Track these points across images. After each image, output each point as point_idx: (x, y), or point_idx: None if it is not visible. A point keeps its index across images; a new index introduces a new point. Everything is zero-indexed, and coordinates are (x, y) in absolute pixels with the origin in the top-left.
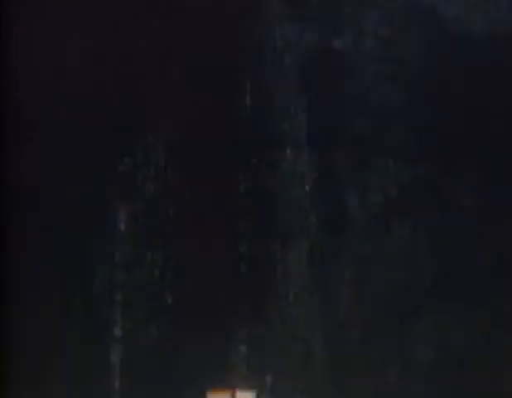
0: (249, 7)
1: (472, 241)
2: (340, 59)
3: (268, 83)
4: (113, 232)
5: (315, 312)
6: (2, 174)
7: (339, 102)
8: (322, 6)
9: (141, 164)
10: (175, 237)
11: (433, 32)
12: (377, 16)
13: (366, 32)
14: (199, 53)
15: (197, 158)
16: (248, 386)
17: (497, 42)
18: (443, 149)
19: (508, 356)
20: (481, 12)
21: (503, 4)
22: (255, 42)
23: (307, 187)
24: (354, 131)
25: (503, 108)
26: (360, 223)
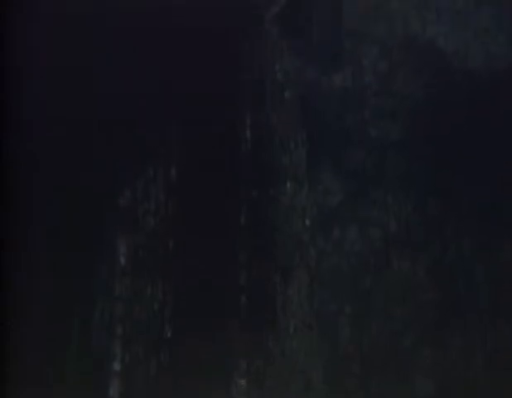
0: (249, 42)
1: (472, 275)
2: (340, 93)
3: (267, 117)
4: (114, 265)
5: (315, 345)
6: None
7: (338, 136)
8: (322, 40)
9: (141, 198)
10: (175, 270)
11: (432, 67)
12: (376, 51)
13: (366, 67)
14: (199, 87)
15: (198, 191)
16: None
17: (496, 76)
18: (443, 182)
19: (508, 390)
20: (480, 46)
21: (502, 38)
22: (255, 76)
23: (307, 221)
24: (353, 165)
25: (503, 141)
26: (360, 256)
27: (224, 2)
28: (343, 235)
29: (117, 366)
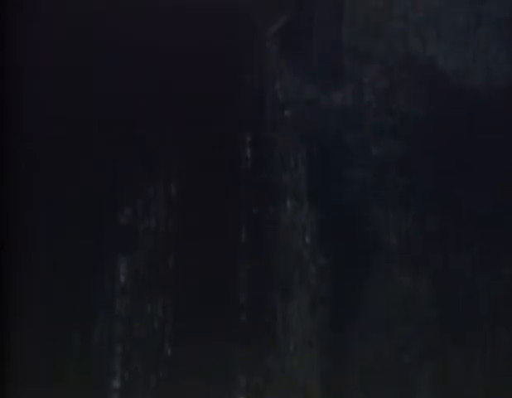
0: (249, 60)
1: (473, 288)
2: (340, 110)
3: (268, 135)
4: (113, 284)
5: (315, 362)
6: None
7: (339, 153)
8: (322, 58)
9: (141, 216)
10: (175, 289)
11: (432, 86)
12: (376, 69)
13: (366, 85)
14: (198, 105)
15: (197, 209)
16: None
17: (496, 95)
18: (443, 201)
19: None
20: (480, 65)
21: (502, 58)
22: (255, 94)
23: (307, 238)
24: (354, 183)
25: (504, 160)
26: (360, 273)
27: (224, 19)
28: (343, 252)
29: (116, 384)
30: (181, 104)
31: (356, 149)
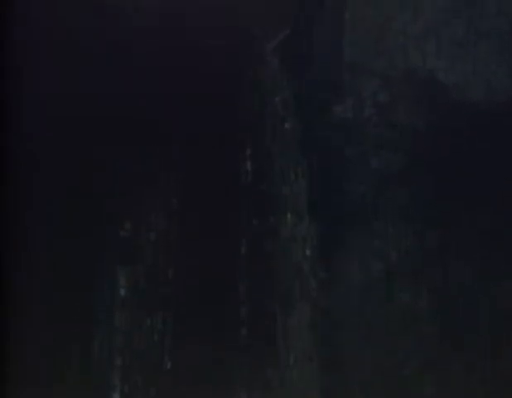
0: (249, 73)
1: (473, 304)
2: (341, 124)
3: (268, 148)
4: (113, 296)
5: (315, 376)
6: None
7: (339, 166)
8: (322, 71)
9: (141, 229)
10: (175, 302)
11: (432, 99)
12: (376, 83)
13: (366, 98)
14: (199, 118)
15: (198, 222)
16: None
17: (496, 109)
18: (444, 213)
19: None
20: (480, 78)
21: (502, 71)
22: (255, 107)
23: (308, 251)
24: (354, 196)
25: (504, 173)
26: (361, 287)
27: (225, 33)
28: (344, 265)
29: (116, 396)
30: (182, 115)
31: (356, 162)
